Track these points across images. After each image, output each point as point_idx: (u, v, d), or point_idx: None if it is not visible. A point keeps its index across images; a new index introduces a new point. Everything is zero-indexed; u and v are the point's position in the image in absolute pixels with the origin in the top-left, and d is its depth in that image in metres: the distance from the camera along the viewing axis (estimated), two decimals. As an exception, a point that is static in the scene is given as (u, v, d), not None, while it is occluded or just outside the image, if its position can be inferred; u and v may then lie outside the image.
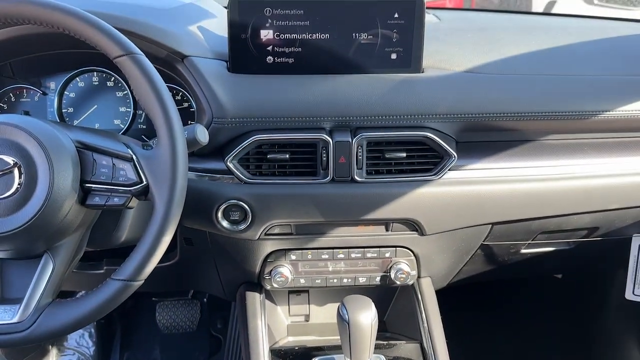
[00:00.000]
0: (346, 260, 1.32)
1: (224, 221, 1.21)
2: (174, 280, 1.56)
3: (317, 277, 1.33)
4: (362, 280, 1.34)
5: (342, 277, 1.34)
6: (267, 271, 1.32)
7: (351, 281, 1.34)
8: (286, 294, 1.48)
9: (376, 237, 1.30)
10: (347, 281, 1.34)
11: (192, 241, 1.34)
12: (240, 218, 1.21)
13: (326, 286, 1.34)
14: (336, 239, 1.29)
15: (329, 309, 1.50)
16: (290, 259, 1.31)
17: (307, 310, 1.49)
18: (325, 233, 1.28)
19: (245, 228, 1.22)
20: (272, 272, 1.31)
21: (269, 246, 1.29)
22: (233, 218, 1.21)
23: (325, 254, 1.31)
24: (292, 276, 1.32)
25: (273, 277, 1.31)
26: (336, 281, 1.34)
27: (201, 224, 1.24)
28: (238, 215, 1.21)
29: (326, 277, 1.33)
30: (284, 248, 1.30)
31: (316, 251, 1.31)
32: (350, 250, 1.31)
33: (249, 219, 1.21)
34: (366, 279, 1.34)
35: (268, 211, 1.21)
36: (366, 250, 1.31)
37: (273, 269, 1.31)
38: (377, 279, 1.34)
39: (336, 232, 1.28)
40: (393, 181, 1.21)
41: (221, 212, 1.20)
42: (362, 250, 1.31)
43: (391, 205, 1.22)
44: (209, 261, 1.38)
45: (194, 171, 1.19)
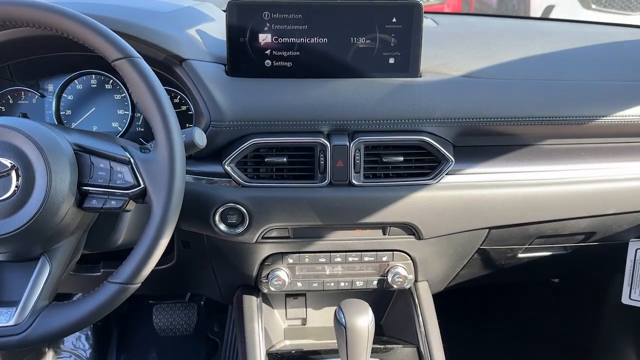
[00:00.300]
0: (343, 264, 1.32)
1: (222, 224, 1.21)
2: (171, 283, 1.55)
3: (314, 281, 1.33)
4: (359, 284, 1.34)
5: (339, 281, 1.33)
6: (264, 274, 1.31)
7: (348, 285, 1.34)
8: (283, 298, 1.48)
9: (373, 241, 1.30)
10: (344, 285, 1.34)
11: (190, 244, 1.34)
12: (237, 221, 1.21)
13: (323, 290, 1.34)
14: (333, 243, 1.29)
15: (326, 313, 1.50)
16: (287, 263, 1.31)
17: (304, 313, 1.48)
18: (322, 237, 1.28)
19: (242, 231, 1.22)
20: (269, 276, 1.31)
21: (266, 249, 1.29)
22: (230, 221, 1.21)
23: (322, 258, 1.31)
24: (289, 280, 1.32)
25: (270, 281, 1.31)
26: (333, 285, 1.34)
27: (198, 227, 1.24)
28: (235, 218, 1.21)
29: (323, 281, 1.33)
30: (281, 251, 1.30)
31: (313, 255, 1.31)
32: (347, 254, 1.31)
33: (247, 222, 1.21)
34: (363, 283, 1.34)
35: (265, 214, 1.21)
36: (363, 254, 1.31)
37: (270, 273, 1.31)
38: (374, 283, 1.34)
39: (333, 236, 1.28)
40: (390, 185, 1.21)
41: (219, 215, 1.20)
42: (360, 254, 1.31)
43: (388, 209, 1.22)
44: (206, 264, 1.38)
45: (192, 174, 1.19)
